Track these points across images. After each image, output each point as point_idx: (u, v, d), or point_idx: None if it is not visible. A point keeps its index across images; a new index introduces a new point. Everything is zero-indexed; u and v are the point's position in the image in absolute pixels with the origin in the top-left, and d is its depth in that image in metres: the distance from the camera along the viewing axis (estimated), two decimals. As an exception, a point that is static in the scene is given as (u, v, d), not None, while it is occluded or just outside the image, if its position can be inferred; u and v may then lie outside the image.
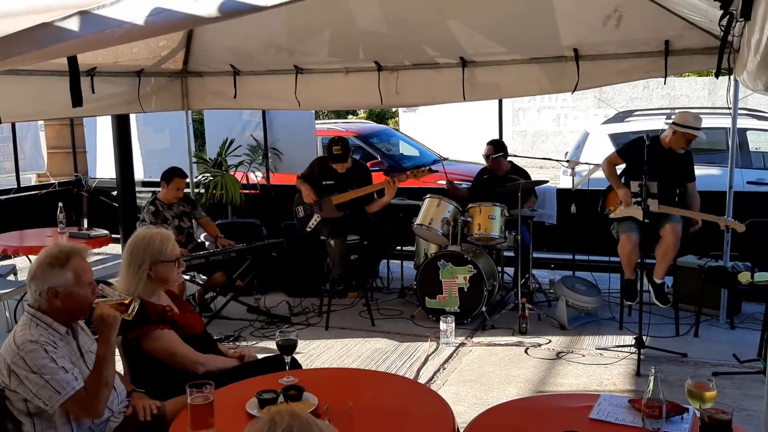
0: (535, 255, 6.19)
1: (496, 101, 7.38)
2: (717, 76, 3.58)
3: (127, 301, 2.66)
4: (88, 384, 2.52)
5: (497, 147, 6.21)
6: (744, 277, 5.00)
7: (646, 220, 4.87)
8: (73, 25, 1.87)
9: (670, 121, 5.26)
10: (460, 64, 5.78)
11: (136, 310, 2.67)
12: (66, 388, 2.44)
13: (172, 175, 5.83)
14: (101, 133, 9.49)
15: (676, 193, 5.38)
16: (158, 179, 5.97)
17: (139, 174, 8.18)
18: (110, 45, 2.00)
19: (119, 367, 3.09)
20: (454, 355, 5.05)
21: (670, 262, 5.30)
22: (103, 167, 9.43)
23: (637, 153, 4.97)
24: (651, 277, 5.36)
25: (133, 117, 7.66)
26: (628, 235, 5.27)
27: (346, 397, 2.22)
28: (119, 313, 2.60)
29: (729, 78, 4.88)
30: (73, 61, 2.12)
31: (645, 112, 9.90)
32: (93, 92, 5.69)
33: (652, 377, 2.28)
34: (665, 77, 5.16)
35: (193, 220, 6.07)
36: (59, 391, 2.43)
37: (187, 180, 6.23)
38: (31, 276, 2.57)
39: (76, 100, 2.16)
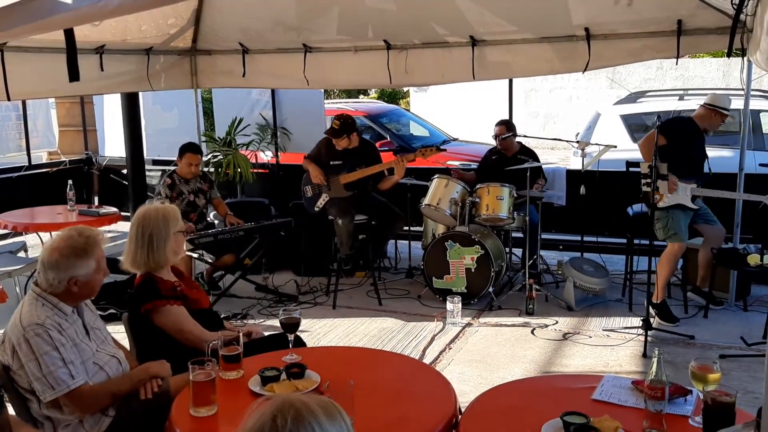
0: (543, 236, 6.17)
1: (507, 82, 7.32)
2: (729, 55, 3.51)
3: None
4: (113, 385, 2.61)
5: (508, 127, 6.17)
6: (753, 259, 4.96)
7: (695, 207, 4.87)
8: (67, -3, 1.85)
9: (703, 102, 5.15)
10: (470, 43, 5.72)
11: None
12: (61, 385, 2.43)
13: (185, 150, 5.88)
14: (108, 111, 9.48)
15: None
16: (166, 158, 5.98)
17: (147, 152, 8.18)
18: (104, 18, 1.98)
19: (126, 343, 3.13)
20: (461, 335, 5.06)
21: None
22: (112, 145, 9.44)
23: (678, 131, 4.92)
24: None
25: (141, 95, 7.64)
26: (681, 245, 5.06)
27: (348, 376, 2.22)
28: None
29: (742, 59, 4.80)
30: (69, 34, 2.10)
31: (658, 93, 9.79)
32: (102, 70, 5.68)
33: (656, 359, 2.27)
34: (677, 57, 5.07)
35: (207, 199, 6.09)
36: (53, 386, 2.43)
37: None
38: (51, 264, 2.52)
39: (73, 74, 2.15)
